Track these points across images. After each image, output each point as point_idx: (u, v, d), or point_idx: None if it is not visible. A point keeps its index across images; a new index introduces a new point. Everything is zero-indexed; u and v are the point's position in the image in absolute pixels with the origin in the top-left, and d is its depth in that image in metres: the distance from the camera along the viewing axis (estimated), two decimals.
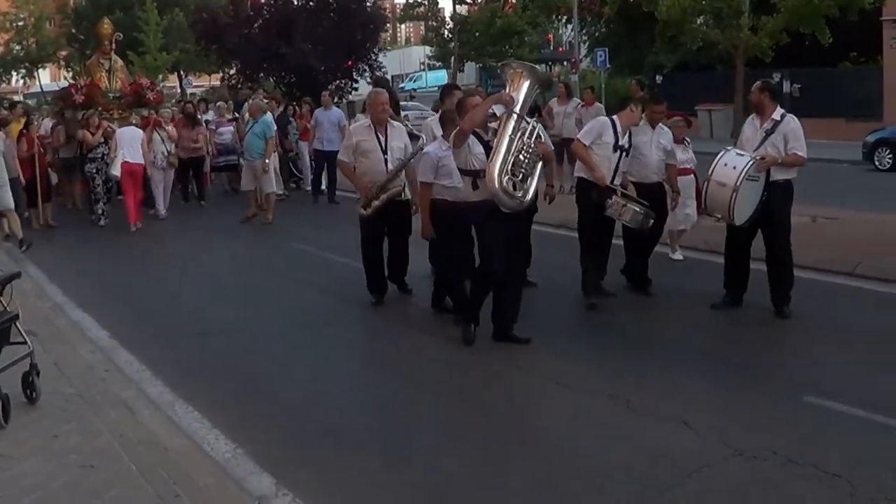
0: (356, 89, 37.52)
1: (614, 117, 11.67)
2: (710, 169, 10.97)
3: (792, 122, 10.93)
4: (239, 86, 39.77)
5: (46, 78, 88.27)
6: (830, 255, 13.41)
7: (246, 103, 24.10)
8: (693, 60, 43.38)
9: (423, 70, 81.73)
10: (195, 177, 23.43)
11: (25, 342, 8.18)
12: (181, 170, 22.32)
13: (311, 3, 39.17)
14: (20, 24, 74.57)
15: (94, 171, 20.24)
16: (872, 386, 8.54)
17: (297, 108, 25.57)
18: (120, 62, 26.13)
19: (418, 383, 9.35)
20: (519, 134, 9.74)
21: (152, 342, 10.87)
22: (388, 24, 44.17)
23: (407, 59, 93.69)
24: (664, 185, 12.32)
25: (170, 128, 21.42)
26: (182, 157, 21.92)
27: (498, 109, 10.08)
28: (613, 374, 9.14)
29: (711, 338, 10.73)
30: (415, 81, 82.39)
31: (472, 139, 9.91)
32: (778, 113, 10.97)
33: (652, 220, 11.38)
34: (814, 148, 12.19)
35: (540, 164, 10.08)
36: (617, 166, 11.42)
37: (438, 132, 11.16)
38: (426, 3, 26.27)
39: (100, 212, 20.23)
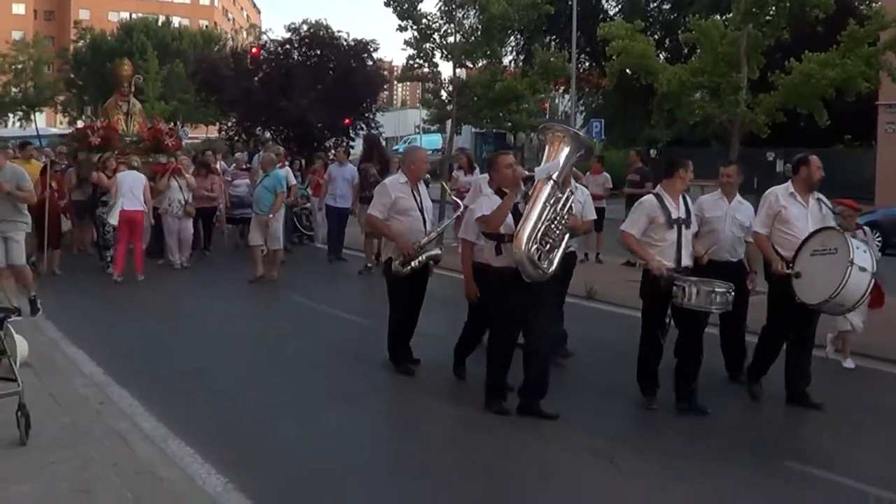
0: (353, 147, 37.76)
1: (658, 190, 10.22)
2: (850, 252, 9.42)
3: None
4: (237, 138, 40.00)
5: (42, 122, 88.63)
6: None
7: (256, 156, 23.96)
8: (688, 136, 43.86)
9: (418, 133, 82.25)
10: (204, 227, 22.52)
11: (16, 379, 8.06)
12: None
13: (312, 60, 39.50)
14: (19, 66, 74.87)
15: (107, 215, 19.06)
16: None
17: (302, 163, 25.35)
18: (139, 105, 25.65)
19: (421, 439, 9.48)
20: (552, 202, 9.37)
21: (146, 379, 10.93)
22: (386, 85, 44.55)
23: (402, 122, 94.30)
24: (744, 264, 11.13)
25: (189, 176, 20.86)
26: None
27: (537, 173, 9.60)
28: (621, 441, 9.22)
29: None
30: (409, 144, 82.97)
31: (497, 200, 9.66)
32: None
33: (731, 296, 9.65)
34: None
35: (567, 236, 9.67)
36: (680, 244, 9.98)
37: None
38: (426, 64, 26.65)
39: (109, 259, 19.25)
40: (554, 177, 9.38)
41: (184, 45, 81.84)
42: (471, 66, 28.74)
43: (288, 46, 40.37)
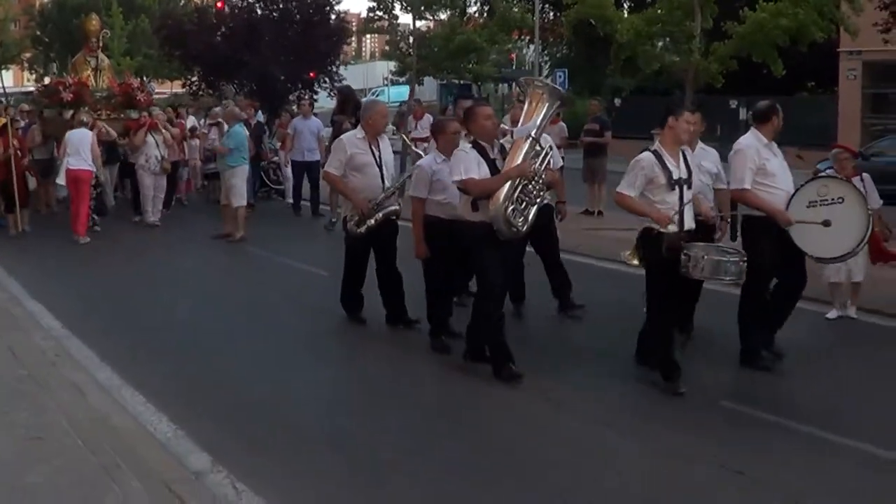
0: (316, 101, 37.74)
1: (656, 147, 9.10)
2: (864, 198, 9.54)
3: None
4: (200, 93, 39.92)
5: (9, 80, 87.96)
6: None
7: (217, 109, 23.54)
8: (650, 85, 44.03)
9: (386, 85, 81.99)
10: (168, 183, 21.48)
11: None
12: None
13: (274, 14, 39.39)
14: None
15: None
16: None
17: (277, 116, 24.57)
18: (107, 61, 25.25)
19: (366, 380, 9.77)
20: (531, 158, 9.15)
21: (104, 333, 11.17)
22: (351, 38, 44.50)
23: (371, 74, 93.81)
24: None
25: (165, 132, 20.58)
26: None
27: (516, 133, 9.47)
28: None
29: None
30: (377, 96, 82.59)
31: (475, 155, 9.21)
32: None
33: (744, 265, 8.97)
34: None
35: (545, 192, 9.60)
36: (681, 206, 8.93)
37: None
38: (387, 17, 26.63)
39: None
40: (533, 133, 9.17)
41: (149, 1, 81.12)
42: (430, 17, 28.80)
43: (251, 0, 40.28)
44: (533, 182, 9.16)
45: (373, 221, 10.91)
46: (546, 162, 9.42)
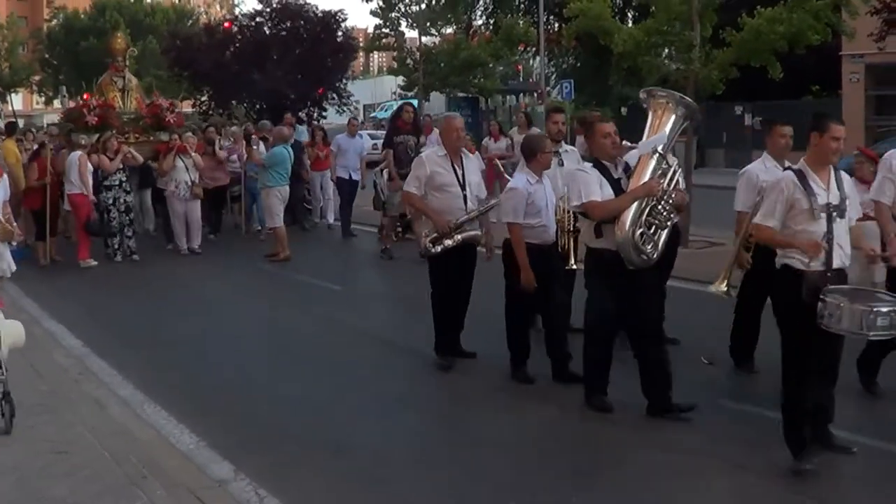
0: (325, 117, 38.06)
1: (800, 165, 7.45)
2: None
3: None
4: (210, 112, 40.26)
5: (19, 104, 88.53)
6: None
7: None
8: None
9: (395, 100, 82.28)
10: (214, 208, 21.33)
11: (0, 367, 8.07)
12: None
13: (283, 32, 39.78)
14: None
15: (111, 200, 18.36)
16: None
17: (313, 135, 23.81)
18: (135, 81, 24.05)
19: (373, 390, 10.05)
20: (658, 177, 8.38)
21: (124, 350, 11.48)
22: (358, 54, 44.85)
23: (379, 89, 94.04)
24: None
25: (195, 155, 19.52)
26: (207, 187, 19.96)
27: (641, 148, 8.75)
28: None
29: None
30: (385, 111, 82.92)
31: (596, 175, 8.47)
32: None
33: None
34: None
35: (675, 216, 8.74)
36: (830, 239, 7.19)
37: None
38: (393, 33, 27.02)
39: (116, 245, 18.48)
40: (660, 149, 8.42)
41: (156, 21, 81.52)
42: (435, 33, 29.11)
43: (259, 19, 40.65)
44: (662, 203, 8.36)
45: (451, 242, 10.09)
46: (675, 181, 8.57)
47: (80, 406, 8.91)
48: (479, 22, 50.66)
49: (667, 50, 24.89)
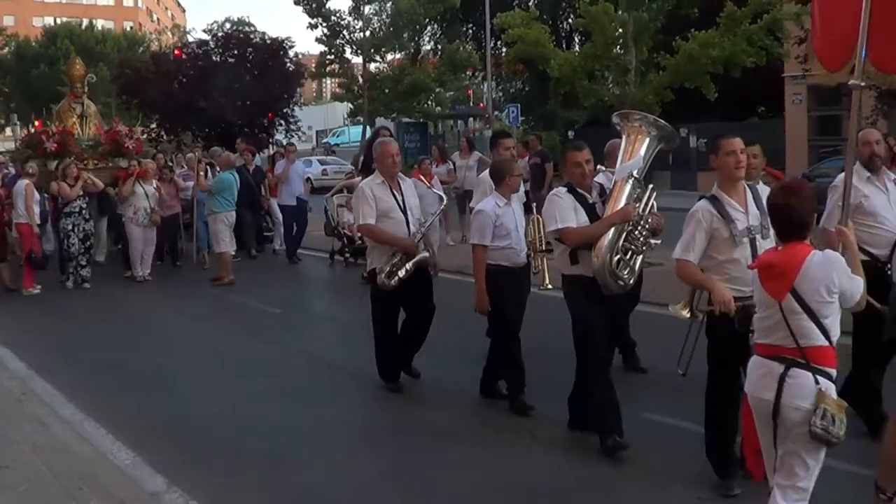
0: (272, 143, 38.45)
1: (715, 190, 7.31)
2: None
3: None
4: (160, 139, 40.50)
5: None
6: None
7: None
8: (604, 116, 44.88)
9: (346, 125, 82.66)
10: (169, 237, 20.93)
11: None
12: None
13: (230, 60, 40.11)
14: None
15: (70, 227, 18.26)
16: None
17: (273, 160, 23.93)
18: (93, 107, 23.93)
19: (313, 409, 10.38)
20: (634, 201, 8.14)
21: (68, 373, 11.68)
22: (306, 80, 45.21)
23: (331, 115, 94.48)
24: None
25: (156, 182, 19.66)
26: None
27: (617, 173, 8.43)
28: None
29: None
30: (337, 136, 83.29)
31: (570, 201, 8.24)
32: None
33: None
34: None
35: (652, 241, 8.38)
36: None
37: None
38: (337, 60, 27.40)
39: (70, 270, 18.43)
40: (635, 174, 8.20)
41: (107, 49, 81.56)
42: (379, 60, 29.55)
43: (206, 47, 40.99)
44: (639, 228, 8.14)
45: (403, 272, 10.01)
46: (650, 205, 8.32)
47: (23, 425, 9.17)
48: (428, 48, 51.37)
49: (603, 75, 25.46)
